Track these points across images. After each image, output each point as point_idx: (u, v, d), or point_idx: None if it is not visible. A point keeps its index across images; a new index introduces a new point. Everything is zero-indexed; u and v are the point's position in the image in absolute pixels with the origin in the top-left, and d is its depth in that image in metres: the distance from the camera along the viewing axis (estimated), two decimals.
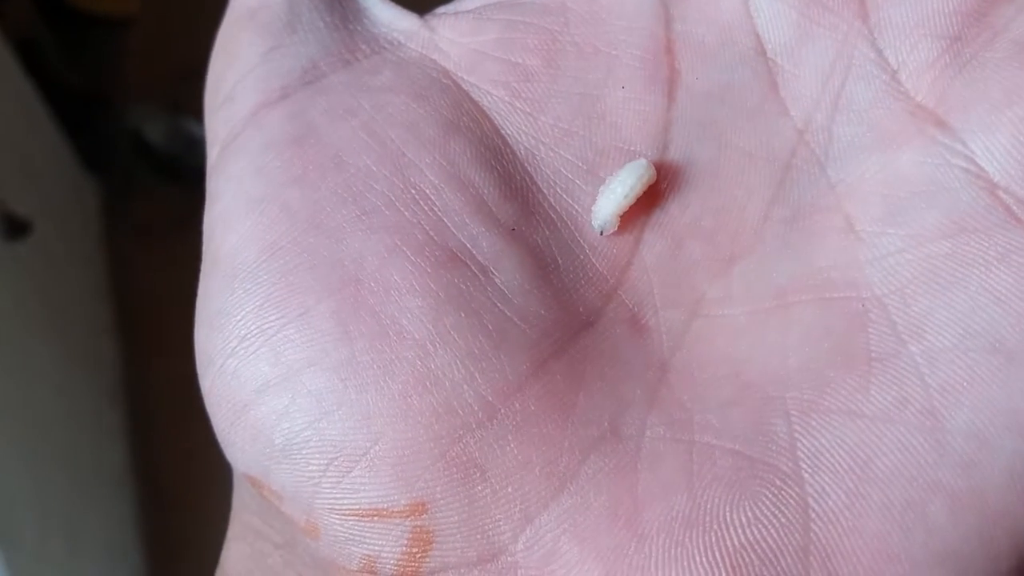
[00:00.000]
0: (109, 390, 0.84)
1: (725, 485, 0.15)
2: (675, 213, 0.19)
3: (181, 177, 0.86)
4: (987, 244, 0.16)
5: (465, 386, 0.16)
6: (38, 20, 0.82)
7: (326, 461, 0.16)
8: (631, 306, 0.18)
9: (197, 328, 0.18)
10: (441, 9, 0.21)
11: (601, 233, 0.18)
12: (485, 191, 0.18)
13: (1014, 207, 0.16)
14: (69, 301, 0.81)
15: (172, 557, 0.82)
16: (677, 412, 0.16)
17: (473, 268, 0.17)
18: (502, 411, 0.16)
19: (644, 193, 0.18)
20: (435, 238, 0.17)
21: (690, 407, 0.16)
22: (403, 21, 0.20)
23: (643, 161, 0.18)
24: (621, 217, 0.18)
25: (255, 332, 0.17)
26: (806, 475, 0.15)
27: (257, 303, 0.17)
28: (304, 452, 0.16)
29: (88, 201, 0.89)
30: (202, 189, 0.20)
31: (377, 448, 0.16)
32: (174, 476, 0.81)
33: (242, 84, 0.19)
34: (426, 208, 0.18)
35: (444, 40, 0.20)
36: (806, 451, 0.15)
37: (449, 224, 0.18)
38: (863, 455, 0.15)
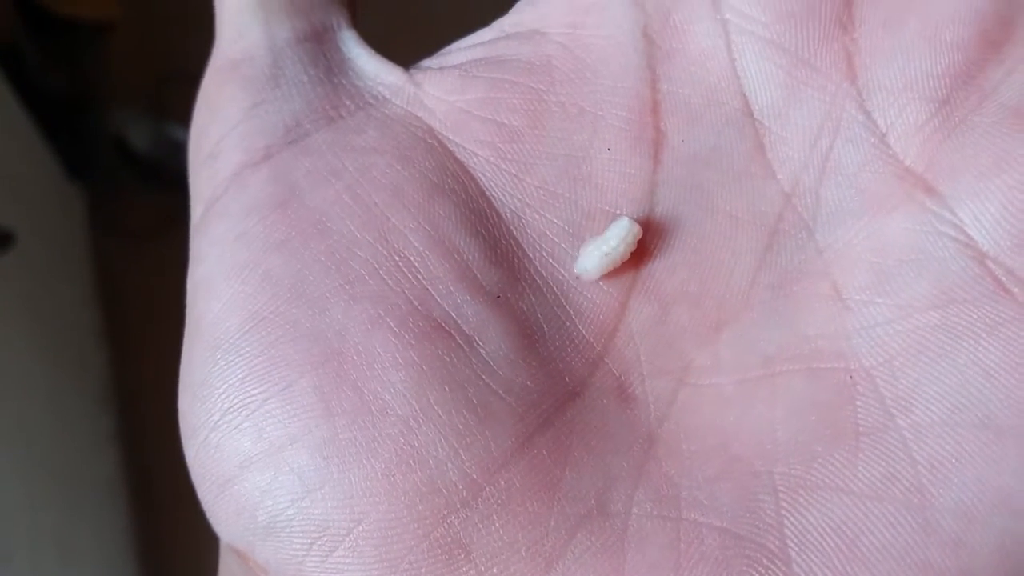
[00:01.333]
0: (99, 397, 0.84)
1: (712, 564, 0.15)
2: (662, 277, 0.18)
3: (166, 181, 0.86)
4: (976, 316, 0.16)
5: (449, 464, 0.16)
6: (18, 26, 0.81)
7: (309, 540, 0.16)
8: (618, 375, 0.18)
9: (181, 395, 0.18)
10: (427, 62, 0.20)
11: (579, 276, 0.18)
12: (470, 257, 0.18)
13: (1003, 278, 0.16)
14: (57, 309, 0.81)
15: (165, 565, 0.81)
16: (664, 487, 0.16)
17: (458, 339, 0.17)
18: (487, 489, 0.16)
19: (630, 258, 0.18)
20: (419, 307, 0.17)
21: (677, 482, 0.16)
22: (389, 75, 0.20)
23: (625, 220, 0.18)
24: (607, 276, 0.18)
25: (237, 406, 0.17)
26: (793, 554, 0.15)
27: (239, 376, 0.17)
28: (287, 531, 0.16)
29: (73, 208, 0.88)
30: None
31: (360, 528, 0.16)
32: (166, 483, 0.80)
33: (225, 142, 0.19)
34: (410, 276, 0.17)
35: (429, 97, 0.20)
36: (793, 529, 0.15)
37: (433, 292, 0.17)
38: (850, 533, 0.15)
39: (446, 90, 0.20)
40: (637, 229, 0.18)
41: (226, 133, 0.19)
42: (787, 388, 0.17)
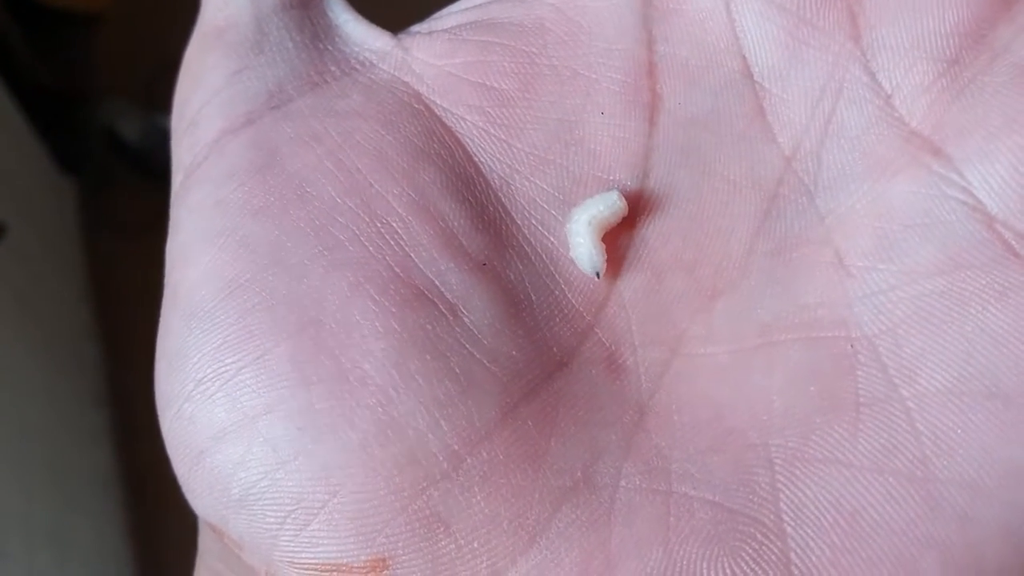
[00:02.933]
0: (92, 392, 0.83)
1: (703, 540, 0.15)
2: (655, 245, 0.18)
3: (157, 172, 0.86)
4: (984, 281, 0.15)
5: (429, 435, 0.15)
6: (7, 18, 0.80)
7: (283, 513, 0.15)
8: (608, 345, 0.17)
9: (157, 365, 0.17)
10: (416, 27, 0.20)
11: (598, 275, 0.17)
12: (455, 223, 0.17)
13: (1013, 242, 0.15)
14: (49, 303, 0.80)
15: (161, 560, 0.81)
16: (654, 460, 0.16)
17: (441, 306, 0.17)
18: (468, 461, 0.15)
19: (623, 224, 0.18)
20: (401, 275, 0.17)
21: (668, 454, 0.16)
22: (376, 40, 0.19)
23: (614, 193, 0.18)
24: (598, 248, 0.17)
25: (211, 376, 0.16)
26: (789, 529, 0.15)
27: (214, 345, 0.16)
28: (261, 504, 0.16)
29: (64, 200, 0.88)
30: None
31: (336, 501, 0.15)
32: (160, 478, 0.80)
33: (206, 109, 0.18)
34: (392, 242, 0.17)
35: (417, 61, 0.19)
36: (789, 503, 0.15)
37: (416, 259, 0.17)
38: (850, 507, 0.14)
39: (435, 54, 0.19)
40: (622, 204, 0.17)
41: (208, 100, 0.18)
42: (785, 358, 0.16)
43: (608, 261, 0.17)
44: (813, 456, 0.15)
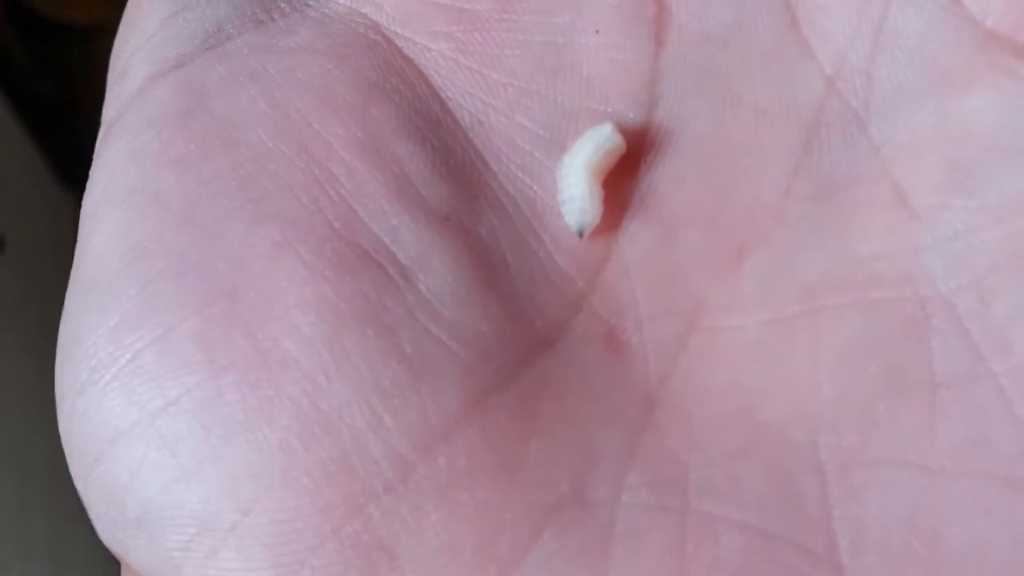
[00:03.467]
0: None
1: (731, 574, 0.12)
2: (665, 192, 0.15)
3: None
4: None
5: (370, 435, 0.13)
6: (8, 29, 0.81)
7: (186, 537, 0.13)
8: (606, 317, 0.14)
9: (56, 358, 0.15)
10: None
11: (581, 235, 0.14)
12: (412, 169, 0.15)
13: None
14: (47, 315, 0.80)
15: None
16: (667, 467, 0.13)
17: (390, 270, 0.14)
18: (421, 469, 0.12)
19: (620, 167, 0.15)
20: (340, 231, 0.14)
21: (684, 459, 0.13)
22: None
23: (605, 128, 0.15)
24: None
25: (106, 361, 0.14)
26: (845, 559, 0.12)
27: (111, 324, 0.14)
28: (160, 524, 0.13)
29: (63, 213, 0.88)
30: None
31: (248, 522, 0.12)
32: None
33: (136, 56, 0.16)
34: (332, 192, 0.14)
35: None
36: (845, 523, 0.12)
37: (361, 212, 0.14)
38: (927, 527, 0.11)
39: None
40: (618, 140, 0.15)
41: (139, 47, 0.16)
42: (835, 328, 0.13)
43: (605, 213, 0.14)
44: (876, 458, 0.12)
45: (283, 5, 0.16)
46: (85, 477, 0.14)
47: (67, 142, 0.88)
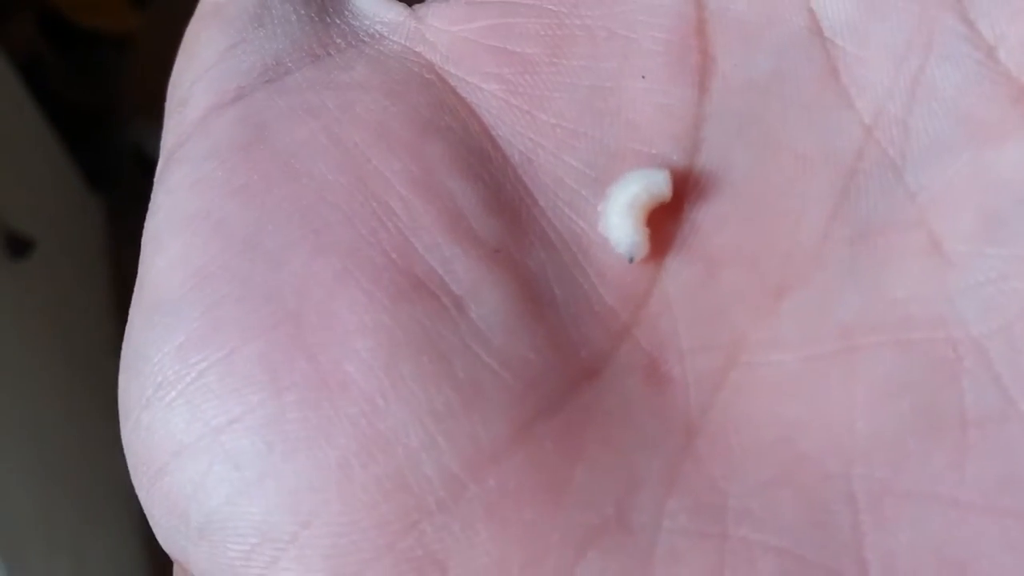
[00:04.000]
0: (115, 406, 0.84)
1: None
2: (708, 232, 0.15)
3: None
4: None
5: (423, 454, 0.13)
6: (40, 38, 0.82)
7: (247, 547, 0.13)
8: (649, 349, 0.15)
9: (120, 370, 0.15)
10: None
11: (631, 260, 0.15)
12: (465, 203, 0.15)
13: None
14: (74, 318, 0.81)
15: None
16: (706, 494, 0.13)
17: (443, 299, 0.14)
18: (472, 489, 0.13)
19: (668, 207, 0.15)
20: (397, 261, 0.15)
21: (723, 487, 0.13)
22: (388, 12, 0.18)
23: (662, 174, 0.15)
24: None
25: (172, 379, 0.14)
26: None
27: (177, 343, 0.14)
28: (222, 534, 0.13)
29: (92, 218, 0.89)
30: None
31: (307, 534, 0.13)
32: None
33: (196, 86, 0.17)
34: (389, 225, 0.15)
35: (431, 29, 0.17)
36: (877, 551, 0.12)
37: (416, 244, 0.15)
38: (956, 558, 0.12)
39: (451, 21, 0.17)
40: (665, 183, 0.15)
41: (199, 77, 0.17)
42: (870, 366, 0.14)
43: (649, 249, 0.15)
44: (907, 490, 0.13)
45: (339, 40, 0.17)
46: (148, 487, 0.14)
47: (98, 149, 0.89)
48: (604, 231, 0.15)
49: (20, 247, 0.66)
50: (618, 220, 0.15)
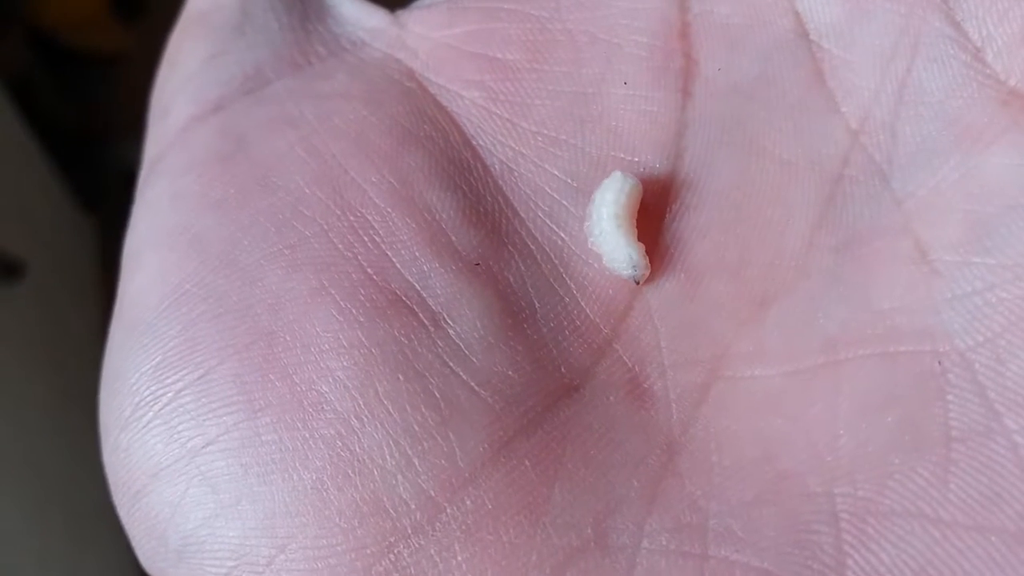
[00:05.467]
0: None
1: None
2: (690, 242, 0.15)
3: None
4: None
5: (399, 476, 0.13)
6: (31, 58, 0.82)
7: (224, 570, 0.13)
8: (630, 364, 0.15)
9: (100, 390, 0.15)
10: (417, 3, 0.18)
11: (637, 283, 0.14)
12: (444, 216, 0.15)
13: None
14: (67, 341, 0.81)
15: None
16: (687, 514, 0.13)
17: (421, 315, 0.14)
18: (448, 511, 0.13)
19: (649, 216, 0.15)
20: (374, 277, 0.14)
21: (704, 506, 0.13)
22: (370, 19, 0.17)
23: (617, 175, 0.15)
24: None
25: (149, 399, 0.14)
26: None
27: (154, 363, 0.14)
28: (199, 557, 0.13)
29: (84, 240, 0.89)
30: None
31: (283, 558, 0.13)
32: None
33: (178, 96, 0.16)
34: (366, 239, 0.15)
35: (413, 36, 0.17)
36: (859, 572, 0.12)
37: (394, 259, 0.15)
38: None
39: (432, 26, 0.17)
40: (632, 184, 0.15)
41: (180, 87, 0.16)
42: (854, 380, 0.13)
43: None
44: (890, 509, 0.12)
45: (320, 49, 0.17)
46: (128, 508, 0.14)
47: (89, 169, 0.89)
48: (598, 249, 0.15)
49: (11, 270, 0.66)
50: (612, 240, 0.15)
